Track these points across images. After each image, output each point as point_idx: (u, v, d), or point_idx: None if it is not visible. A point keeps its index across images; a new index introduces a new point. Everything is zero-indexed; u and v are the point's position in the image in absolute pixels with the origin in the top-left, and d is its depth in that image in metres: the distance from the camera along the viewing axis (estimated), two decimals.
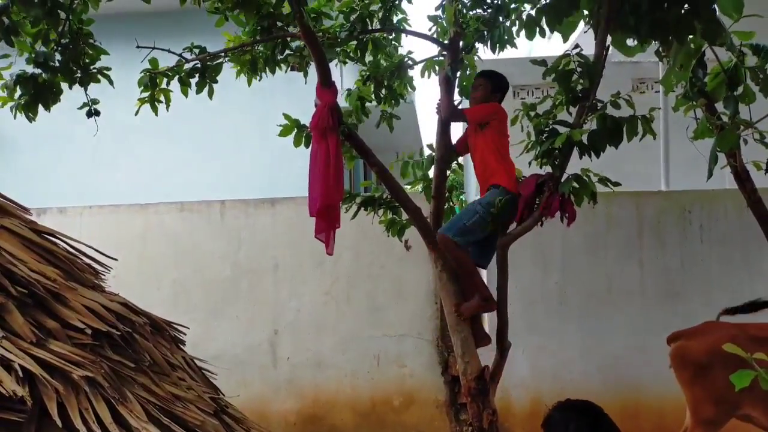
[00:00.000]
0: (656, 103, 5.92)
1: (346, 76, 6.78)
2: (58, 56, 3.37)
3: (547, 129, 3.01)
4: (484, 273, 4.19)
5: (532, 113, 3.14)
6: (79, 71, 3.49)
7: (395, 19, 4.32)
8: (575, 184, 3.07)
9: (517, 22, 3.86)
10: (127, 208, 6.42)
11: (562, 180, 3.06)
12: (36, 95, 3.38)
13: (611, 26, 3.06)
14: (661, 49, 3.50)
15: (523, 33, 3.70)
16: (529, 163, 3.21)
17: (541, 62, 3.12)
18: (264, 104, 7.37)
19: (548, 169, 3.18)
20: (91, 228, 6.05)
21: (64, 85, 3.65)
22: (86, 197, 7.09)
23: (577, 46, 3.10)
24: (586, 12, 3.38)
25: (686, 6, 2.81)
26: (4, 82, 3.41)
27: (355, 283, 6.15)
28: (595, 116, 2.90)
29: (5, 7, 2.95)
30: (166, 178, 7.91)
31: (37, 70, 3.43)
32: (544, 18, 3.29)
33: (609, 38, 3.13)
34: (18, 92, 3.42)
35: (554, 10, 3.20)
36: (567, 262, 5.78)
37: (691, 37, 3.02)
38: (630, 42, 3.30)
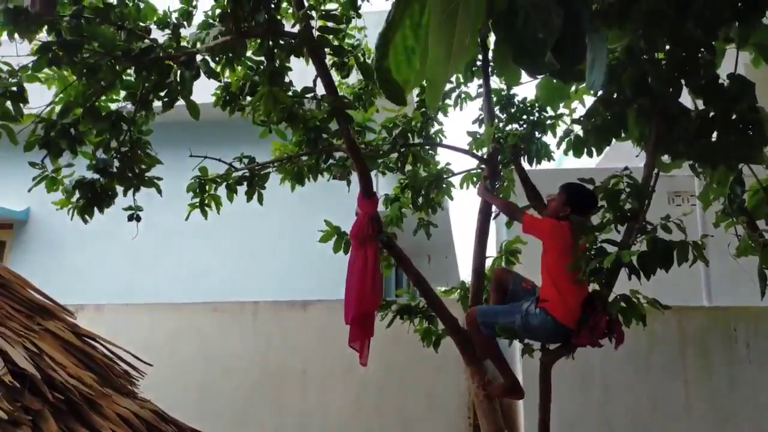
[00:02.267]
0: (692, 218, 5.88)
1: (381, 184, 6.96)
2: (116, 162, 3.58)
3: (595, 247, 2.98)
4: (520, 375, 3.97)
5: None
6: (133, 177, 3.67)
7: (432, 130, 4.49)
8: (623, 305, 2.99)
9: (563, 140, 3.89)
10: (161, 307, 6.47)
11: (610, 300, 3.00)
12: (93, 199, 3.55)
13: (659, 149, 3.09)
14: (696, 165, 3.53)
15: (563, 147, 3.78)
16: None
17: (589, 180, 3.15)
18: (301, 207, 7.55)
19: (595, 287, 3.11)
20: (126, 326, 6.08)
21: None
22: (125, 295, 7.20)
23: (626, 168, 3.14)
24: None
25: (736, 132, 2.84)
26: (63, 187, 3.60)
27: (385, 393, 5.95)
28: (645, 238, 2.88)
29: (75, 121, 3.19)
30: (203, 279, 8.01)
31: (96, 176, 3.63)
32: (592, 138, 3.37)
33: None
34: (76, 195, 3.60)
35: (602, 131, 3.28)
36: (608, 381, 5.51)
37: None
38: (666, 158, 3.34)
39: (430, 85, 1.37)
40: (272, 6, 3.23)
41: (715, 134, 2.91)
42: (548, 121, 4.24)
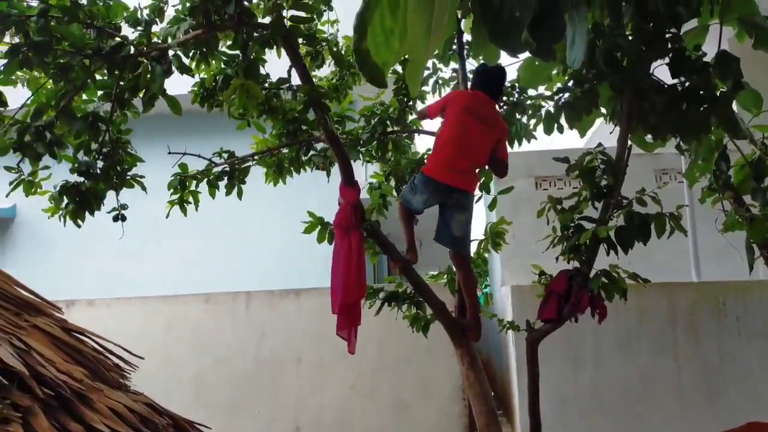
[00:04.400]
0: (679, 194, 5.93)
1: (369, 172, 6.95)
2: (99, 164, 3.55)
3: (573, 224, 3.01)
4: (513, 362, 4.04)
5: (559, 207, 3.14)
6: (116, 177, 3.64)
7: (410, 117, 4.49)
8: (604, 280, 3.02)
9: (535, 117, 3.97)
10: (154, 300, 6.47)
11: (591, 276, 3.02)
12: (81, 202, 3.53)
13: (632, 124, 3.12)
14: (681, 143, 3.55)
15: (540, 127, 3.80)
16: (557, 259, 3.18)
17: (563, 159, 3.16)
18: (289, 196, 7.54)
19: (576, 264, 3.14)
20: (118, 320, 6.09)
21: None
22: (115, 289, 7.19)
23: (599, 144, 3.16)
24: (604, 110, 3.48)
25: (704, 105, 2.87)
26: (50, 194, 3.57)
27: (379, 377, 6.00)
28: (622, 212, 2.90)
29: (50, 123, 3.15)
30: (193, 270, 8.01)
31: (80, 179, 3.61)
32: (563, 114, 3.39)
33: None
34: (64, 201, 3.58)
35: (573, 107, 3.30)
36: (599, 358, 5.58)
37: (712, 129, 3.07)
38: (649, 138, 3.36)
39: (411, 65, 1.37)
40: None
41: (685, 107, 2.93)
42: (528, 101, 4.23)
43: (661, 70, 3.07)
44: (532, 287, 3.94)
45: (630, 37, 2.95)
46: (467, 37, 3.93)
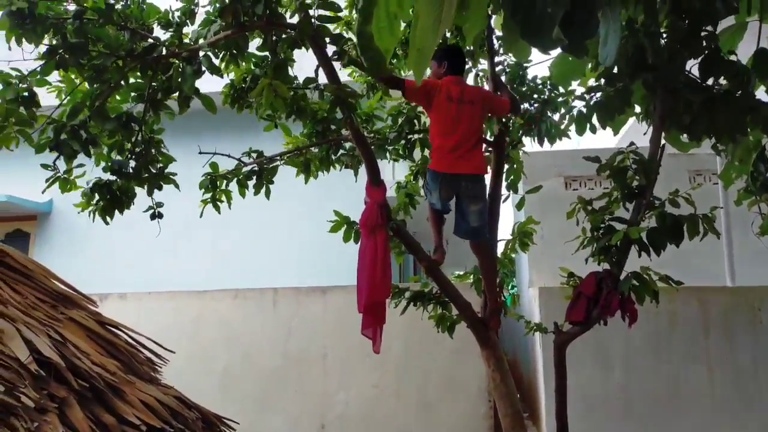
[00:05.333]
0: (714, 195, 5.79)
1: (398, 171, 6.95)
2: (131, 163, 3.63)
3: (603, 225, 2.96)
4: (540, 365, 4.00)
5: (589, 208, 3.09)
6: (149, 176, 3.72)
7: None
8: (635, 283, 2.97)
9: (567, 116, 3.92)
10: (184, 295, 6.58)
11: (621, 278, 2.97)
12: (112, 200, 3.62)
13: (665, 124, 3.06)
14: (717, 143, 3.47)
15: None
16: (586, 260, 3.13)
17: (594, 159, 3.11)
18: (317, 193, 7.59)
19: (606, 266, 3.10)
20: (149, 313, 6.21)
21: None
22: (147, 284, 7.33)
23: (632, 143, 3.10)
24: (638, 109, 3.42)
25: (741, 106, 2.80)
26: (83, 190, 3.67)
27: (404, 376, 6.00)
28: (653, 213, 2.85)
29: (84, 123, 3.23)
30: (223, 266, 8.12)
31: (112, 177, 3.70)
32: (595, 114, 3.34)
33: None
34: (95, 198, 3.67)
35: (606, 107, 3.24)
36: (629, 362, 5.49)
37: (750, 130, 2.99)
38: (684, 137, 3.28)
39: (418, 53, 1.35)
40: None
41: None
42: (559, 99, 4.18)
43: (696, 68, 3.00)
44: (560, 289, 3.89)
45: (664, 35, 2.89)
46: (497, 32, 3.91)
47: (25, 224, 8.98)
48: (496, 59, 4.11)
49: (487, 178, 3.76)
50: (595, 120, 3.42)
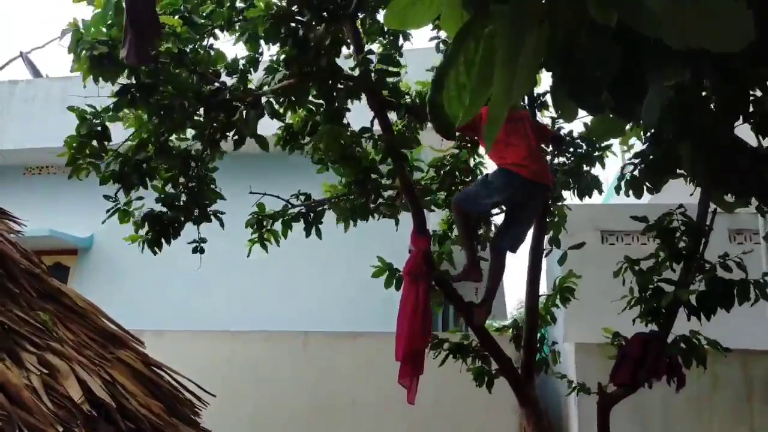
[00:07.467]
0: (757, 256, 5.65)
1: (434, 220, 6.97)
2: (183, 197, 3.77)
3: (652, 286, 2.92)
4: (575, 423, 3.88)
5: (636, 268, 3.06)
6: (197, 211, 3.84)
7: (472, 163, 4.52)
8: (683, 346, 2.91)
9: (620, 180, 3.87)
10: (218, 335, 6.62)
11: (669, 341, 2.92)
12: (161, 231, 3.74)
13: (713, 186, 3.04)
14: (763, 205, 3.42)
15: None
16: (633, 321, 3.08)
17: (642, 218, 3.10)
18: (351, 240, 7.64)
19: (652, 327, 3.04)
20: (184, 352, 6.23)
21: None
22: (182, 322, 7.39)
23: (681, 205, 3.08)
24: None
25: None
26: (134, 220, 3.81)
27: (435, 427, 5.88)
28: (704, 277, 2.81)
29: (148, 158, 3.39)
30: (256, 307, 8.15)
31: (163, 209, 3.82)
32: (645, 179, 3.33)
33: None
34: (145, 228, 3.79)
35: (654, 168, 3.24)
36: (668, 425, 5.30)
37: None
38: (730, 197, 3.25)
39: (491, 121, 1.41)
40: (332, 51, 3.37)
41: None
42: (595, 153, 4.20)
43: (743, 129, 2.99)
44: (598, 346, 3.81)
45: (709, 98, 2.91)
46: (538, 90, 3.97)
47: (65, 258, 9.19)
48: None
49: (529, 233, 3.75)
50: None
